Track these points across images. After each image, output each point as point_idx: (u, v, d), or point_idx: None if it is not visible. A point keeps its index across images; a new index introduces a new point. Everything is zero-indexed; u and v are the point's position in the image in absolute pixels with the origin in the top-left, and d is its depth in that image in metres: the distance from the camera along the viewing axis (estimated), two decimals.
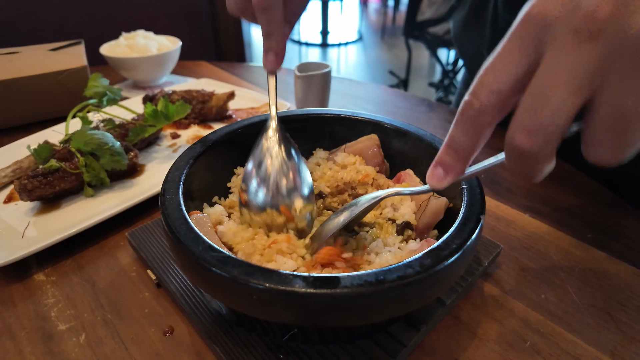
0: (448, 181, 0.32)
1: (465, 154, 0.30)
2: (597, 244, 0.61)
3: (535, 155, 0.26)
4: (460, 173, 0.32)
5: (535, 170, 0.28)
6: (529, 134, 0.25)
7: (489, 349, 0.47)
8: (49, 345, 0.48)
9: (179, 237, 0.38)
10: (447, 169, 0.32)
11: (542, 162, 0.27)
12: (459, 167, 0.32)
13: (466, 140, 0.29)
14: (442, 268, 0.35)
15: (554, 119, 0.24)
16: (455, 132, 0.30)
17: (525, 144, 0.26)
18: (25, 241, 0.60)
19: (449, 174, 0.32)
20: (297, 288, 0.33)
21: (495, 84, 0.27)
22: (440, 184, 0.33)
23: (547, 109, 0.24)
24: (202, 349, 0.47)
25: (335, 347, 0.43)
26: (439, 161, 0.32)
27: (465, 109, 0.28)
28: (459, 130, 0.29)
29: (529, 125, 0.25)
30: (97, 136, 0.68)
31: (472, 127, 0.28)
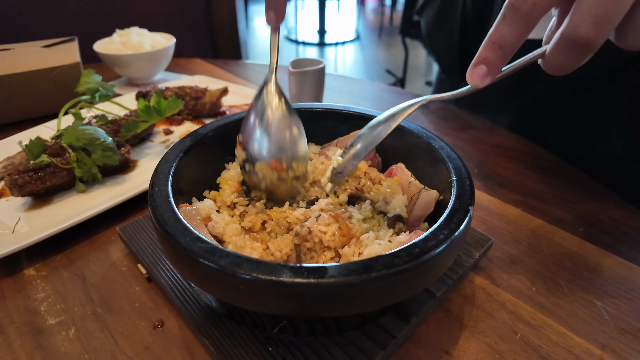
0: (490, 79, 0.32)
1: (510, 49, 0.30)
2: (588, 237, 0.61)
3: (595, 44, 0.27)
4: (500, 69, 0.32)
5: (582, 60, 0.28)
6: (595, 24, 0.26)
7: (480, 341, 0.47)
8: (38, 339, 0.48)
9: (167, 229, 0.38)
10: (490, 66, 0.31)
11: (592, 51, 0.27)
12: (501, 64, 0.31)
13: (514, 36, 0.29)
14: (429, 258, 0.35)
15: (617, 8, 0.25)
16: (503, 27, 0.29)
17: (592, 33, 0.26)
18: (16, 236, 0.59)
19: (492, 70, 0.31)
20: (284, 278, 0.33)
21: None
22: (483, 81, 0.32)
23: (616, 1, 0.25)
24: (191, 342, 0.47)
25: (325, 339, 0.43)
26: (481, 58, 0.31)
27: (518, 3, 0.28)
28: (508, 25, 0.29)
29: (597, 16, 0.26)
30: (89, 131, 0.68)
31: (524, 20, 0.29)
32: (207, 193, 0.53)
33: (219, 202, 0.51)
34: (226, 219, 0.46)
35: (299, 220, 0.47)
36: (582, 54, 0.28)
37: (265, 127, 0.48)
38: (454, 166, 0.47)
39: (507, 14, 0.29)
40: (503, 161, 0.81)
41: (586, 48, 0.27)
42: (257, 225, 0.48)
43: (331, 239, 0.45)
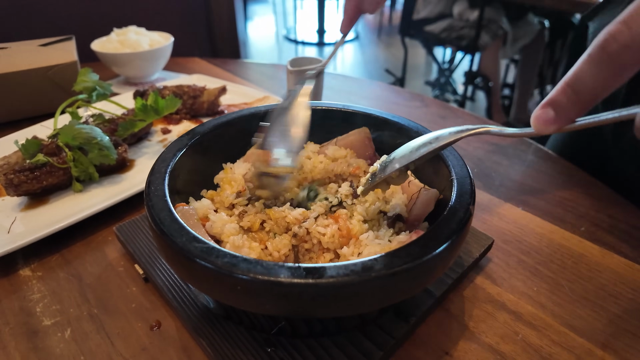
0: (557, 127, 0.27)
1: (588, 97, 0.25)
2: (589, 237, 0.61)
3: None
4: (573, 119, 0.26)
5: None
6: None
7: (480, 341, 0.46)
8: (33, 340, 0.47)
9: (163, 228, 0.37)
10: (559, 112, 0.26)
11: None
12: (574, 112, 0.26)
13: (597, 81, 0.24)
14: (429, 258, 0.35)
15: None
16: (585, 69, 0.24)
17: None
18: (12, 236, 0.59)
19: (560, 117, 0.26)
20: (282, 278, 0.32)
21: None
22: (547, 127, 0.27)
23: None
24: (189, 343, 0.46)
25: (324, 340, 0.43)
26: (551, 101, 0.26)
27: (607, 42, 0.23)
28: (592, 67, 0.24)
29: None
30: (86, 130, 0.67)
31: (611, 64, 0.23)
32: (204, 192, 0.52)
33: (217, 202, 0.50)
34: (224, 218, 0.45)
35: (297, 221, 0.46)
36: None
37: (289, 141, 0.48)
38: (454, 165, 0.46)
39: (593, 54, 0.24)
40: (503, 160, 0.80)
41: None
42: (256, 225, 0.47)
43: (330, 241, 0.45)
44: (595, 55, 0.24)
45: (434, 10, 2.67)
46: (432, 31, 2.66)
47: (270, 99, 0.98)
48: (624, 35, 0.22)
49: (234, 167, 0.55)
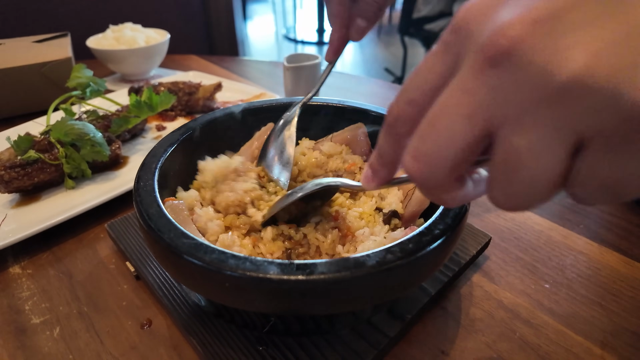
0: (375, 184, 0.30)
1: (388, 161, 0.28)
2: (588, 234, 0.60)
3: (423, 182, 0.23)
4: (386, 179, 0.29)
5: (433, 198, 0.25)
6: (413, 159, 0.23)
7: (477, 340, 0.45)
8: (21, 339, 0.46)
9: (150, 224, 0.36)
10: (374, 173, 0.29)
11: (436, 190, 0.24)
12: (384, 174, 0.29)
13: (388, 148, 0.27)
14: (424, 254, 0.34)
15: (439, 148, 0.21)
16: (380, 138, 0.27)
17: (410, 168, 0.23)
18: (2, 233, 0.58)
19: (375, 177, 0.30)
20: (272, 275, 0.31)
21: (413, 93, 0.24)
22: (368, 185, 0.30)
23: (433, 136, 0.22)
24: (179, 341, 0.45)
25: (317, 339, 0.42)
26: (370, 162, 0.30)
27: (387, 115, 0.26)
28: (382, 136, 0.27)
29: (414, 150, 0.23)
30: (78, 127, 0.66)
31: (390, 135, 0.26)
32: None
33: (203, 192, 0.49)
34: (210, 214, 0.44)
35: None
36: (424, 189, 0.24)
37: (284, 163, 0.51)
38: None
39: (383, 124, 0.26)
40: None
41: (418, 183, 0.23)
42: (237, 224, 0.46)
43: (329, 247, 0.44)
44: (383, 125, 0.27)
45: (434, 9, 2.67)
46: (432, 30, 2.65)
47: (267, 95, 0.97)
48: (394, 110, 0.25)
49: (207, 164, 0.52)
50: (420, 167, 0.23)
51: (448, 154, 0.21)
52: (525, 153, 0.19)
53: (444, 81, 0.22)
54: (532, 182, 0.20)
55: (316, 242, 0.44)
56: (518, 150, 0.19)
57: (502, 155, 0.20)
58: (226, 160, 0.50)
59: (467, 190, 0.24)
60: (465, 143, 0.21)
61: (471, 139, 0.21)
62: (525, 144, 0.19)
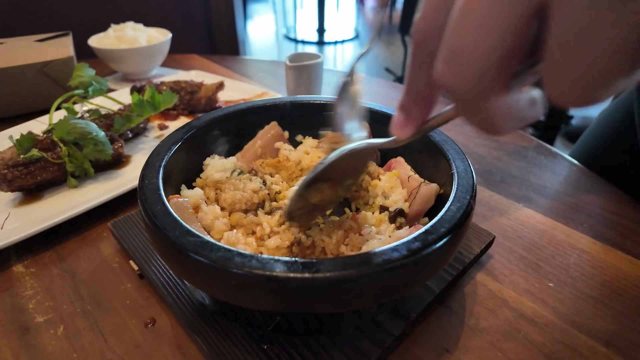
0: (410, 129, 0.26)
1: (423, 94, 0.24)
2: (592, 234, 0.60)
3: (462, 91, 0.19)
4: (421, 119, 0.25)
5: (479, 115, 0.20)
6: (449, 63, 0.18)
7: (481, 339, 0.45)
8: (25, 338, 0.46)
9: (156, 222, 0.36)
10: (408, 114, 0.26)
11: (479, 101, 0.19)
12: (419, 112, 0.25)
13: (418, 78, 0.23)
14: (429, 252, 0.34)
15: (479, 39, 0.17)
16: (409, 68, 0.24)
17: (447, 75, 0.19)
18: (5, 232, 0.58)
19: (410, 120, 0.26)
20: (278, 273, 0.31)
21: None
22: (402, 132, 0.26)
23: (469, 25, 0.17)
24: (183, 340, 0.45)
25: (321, 337, 0.42)
26: (400, 104, 0.26)
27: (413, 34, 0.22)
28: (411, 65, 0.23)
29: (450, 51, 0.18)
30: (81, 125, 0.66)
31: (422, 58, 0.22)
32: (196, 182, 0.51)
33: (207, 191, 0.49)
34: (217, 212, 0.44)
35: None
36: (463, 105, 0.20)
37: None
38: (454, 158, 0.46)
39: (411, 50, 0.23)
40: (504, 157, 0.80)
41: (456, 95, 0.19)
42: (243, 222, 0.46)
43: (334, 247, 0.44)
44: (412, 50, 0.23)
45: None
46: None
47: (268, 94, 0.97)
48: (421, 24, 0.22)
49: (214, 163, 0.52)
50: (458, 68, 0.18)
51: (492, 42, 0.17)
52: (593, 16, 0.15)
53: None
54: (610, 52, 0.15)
55: (322, 244, 0.44)
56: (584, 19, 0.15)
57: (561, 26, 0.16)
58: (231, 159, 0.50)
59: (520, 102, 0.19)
60: (512, 20, 0.16)
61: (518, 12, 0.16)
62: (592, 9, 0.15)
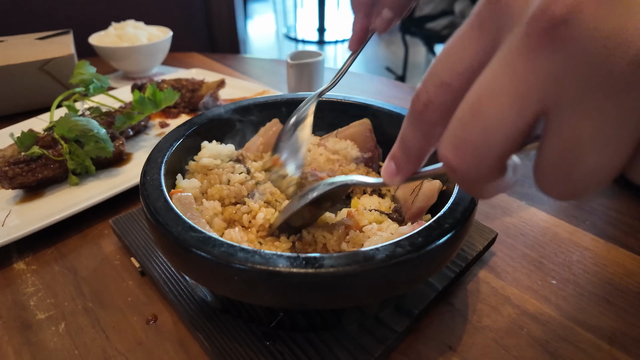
0: (399, 179, 0.28)
1: (415, 153, 0.26)
2: (594, 231, 0.60)
3: (464, 175, 0.21)
4: (411, 172, 0.27)
5: (473, 190, 0.22)
6: (455, 148, 0.20)
7: (484, 336, 0.45)
8: (26, 334, 0.46)
9: (158, 218, 0.36)
10: (398, 166, 0.27)
11: (477, 182, 0.21)
12: (410, 166, 0.27)
13: (416, 138, 0.25)
14: (433, 248, 0.34)
15: (486, 137, 0.19)
16: (405, 128, 0.25)
17: (451, 159, 0.21)
18: (5, 229, 0.58)
19: (400, 171, 0.27)
20: (281, 268, 0.31)
21: (445, 75, 0.21)
22: (391, 180, 0.28)
23: (479, 124, 0.19)
24: (186, 337, 0.45)
25: (324, 334, 0.42)
26: (392, 155, 0.27)
27: (413, 102, 0.23)
28: (407, 125, 0.25)
29: (456, 139, 0.20)
30: (82, 123, 0.66)
31: (419, 124, 0.24)
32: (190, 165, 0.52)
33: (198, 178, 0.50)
34: (217, 208, 0.44)
35: None
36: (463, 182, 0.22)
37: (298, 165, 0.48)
38: None
39: (408, 112, 0.24)
40: None
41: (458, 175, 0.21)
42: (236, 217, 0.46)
43: (336, 244, 0.44)
44: (408, 114, 0.24)
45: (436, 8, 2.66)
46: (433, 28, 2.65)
47: (269, 93, 0.97)
48: (423, 96, 0.23)
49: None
50: (465, 157, 0.20)
51: (497, 141, 0.19)
52: (588, 141, 0.17)
53: (482, 61, 0.20)
54: (596, 171, 0.18)
55: (323, 240, 0.44)
56: (579, 137, 0.17)
57: (559, 142, 0.18)
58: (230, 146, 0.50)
59: (507, 179, 0.22)
60: (516, 128, 0.18)
61: (523, 123, 0.18)
62: (588, 131, 0.17)
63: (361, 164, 0.58)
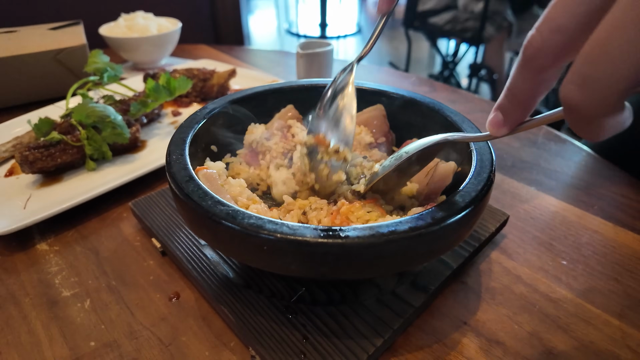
0: (507, 129, 0.28)
1: (524, 99, 0.26)
2: (603, 215, 0.61)
3: (587, 112, 0.21)
4: (519, 121, 0.28)
5: (591, 129, 0.23)
6: (580, 86, 0.21)
7: (498, 312, 0.47)
8: (54, 310, 0.48)
9: (187, 193, 0.37)
10: (506, 115, 0.28)
11: (597, 120, 0.22)
12: (518, 114, 0.27)
13: (524, 85, 0.25)
14: (452, 222, 0.35)
15: (614, 70, 0.20)
16: (515, 74, 0.26)
17: (576, 97, 0.21)
18: (27, 212, 0.59)
19: (508, 121, 0.28)
20: (309, 238, 0.33)
21: (562, 18, 0.22)
22: (498, 130, 0.29)
23: (606, 60, 0.20)
24: (208, 313, 0.47)
25: (344, 308, 0.43)
26: (499, 105, 0.28)
27: (525, 47, 0.24)
28: (518, 72, 0.25)
29: (582, 77, 0.21)
30: (99, 109, 0.67)
31: (531, 69, 0.24)
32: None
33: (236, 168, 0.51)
34: (242, 185, 0.45)
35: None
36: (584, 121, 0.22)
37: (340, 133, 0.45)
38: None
39: (519, 57, 0.25)
40: (514, 142, 0.81)
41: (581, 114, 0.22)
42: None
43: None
44: (520, 60, 0.25)
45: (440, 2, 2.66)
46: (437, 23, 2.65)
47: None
48: (537, 41, 0.23)
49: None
50: (589, 93, 0.21)
51: (625, 73, 0.20)
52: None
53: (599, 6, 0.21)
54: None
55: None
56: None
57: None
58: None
59: (625, 116, 0.22)
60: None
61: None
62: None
63: (375, 149, 0.59)
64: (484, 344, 0.43)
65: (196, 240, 0.52)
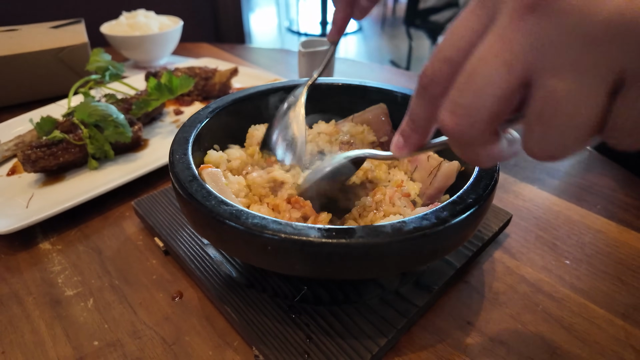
0: (407, 152, 0.30)
1: (422, 125, 0.28)
2: (606, 215, 0.61)
3: (460, 137, 0.23)
4: (418, 145, 0.29)
5: (468, 156, 0.25)
6: (451, 113, 0.23)
7: (501, 312, 0.47)
8: (57, 309, 0.48)
9: (191, 193, 0.37)
10: (406, 139, 0.29)
11: (472, 145, 0.24)
12: (416, 139, 0.29)
13: (421, 112, 0.27)
14: (457, 222, 0.35)
15: (478, 98, 0.21)
16: (413, 102, 0.27)
17: (448, 123, 0.23)
18: (30, 211, 0.59)
19: (407, 144, 0.30)
20: (313, 238, 0.32)
21: (448, 51, 0.23)
22: (399, 152, 0.30)
23: (472, 87, 0.21)
24: (211, 312, 0.47)
25: (347, 307, 0.43)
26: (400, 129, 0.30)
27: (420, 77, 0.25)
28: (415, 100, 0.27)
29: (453, 104, 0.23)
30: (102, 108, 0.67)
31: (424, 97, 0.26)
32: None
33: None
34: (242, 183, 0.45)
35: None
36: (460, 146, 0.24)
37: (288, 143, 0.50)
38: None
39: (416, 86, 0.26)
40: None
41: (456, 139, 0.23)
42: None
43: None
44: (416, 89, 0.26)
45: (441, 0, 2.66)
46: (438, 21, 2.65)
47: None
48: (429, 71, 0.25)
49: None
50: (458, 119, 0.22)
51: (486, 102, 0.21)
52: (564, 97, 0.19)
53: (480, 36, 0.22)
54: (571, 126, 0.20)
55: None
56: (556, 94, 0.19)
57: (539, 101, 0.20)
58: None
59: (502, 147, 0.24)
60: (503, 91, 0.21)
61: (509, 86, 0.21)
62: (563, 87, 0.19)
63: (377, 147, 0.59)
64: (487, 344, 0.43)
65: (199, 240, 0.52)
